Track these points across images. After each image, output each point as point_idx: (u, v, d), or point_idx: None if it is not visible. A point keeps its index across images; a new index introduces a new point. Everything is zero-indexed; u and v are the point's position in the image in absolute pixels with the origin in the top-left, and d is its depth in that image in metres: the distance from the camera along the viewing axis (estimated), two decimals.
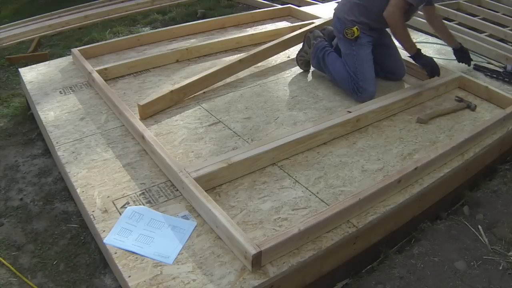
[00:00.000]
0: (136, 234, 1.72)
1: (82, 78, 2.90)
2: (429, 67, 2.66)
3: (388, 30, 2.82)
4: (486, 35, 4.15)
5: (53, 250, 1.94)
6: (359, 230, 1.76)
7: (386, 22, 2.58)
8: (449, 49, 3.50)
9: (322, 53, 2.86)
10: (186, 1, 5.38)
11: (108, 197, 1.91)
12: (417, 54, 2.63)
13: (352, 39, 2.68)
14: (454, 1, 5.10)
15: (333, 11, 2.87)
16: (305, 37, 3.05)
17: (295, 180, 2.03)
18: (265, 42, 3.20)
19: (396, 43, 2.82)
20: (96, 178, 2.02)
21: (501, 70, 3.13)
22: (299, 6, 4.40)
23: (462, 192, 2.25)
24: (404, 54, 2.83)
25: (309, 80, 2.98)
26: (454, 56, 3.01)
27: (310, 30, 3.08)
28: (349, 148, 2.27)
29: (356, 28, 2.65)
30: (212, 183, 1.96)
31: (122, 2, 5.26)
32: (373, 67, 2.72)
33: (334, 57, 2.83)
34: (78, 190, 1.94)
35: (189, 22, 3.88)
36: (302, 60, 3.05)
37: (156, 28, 4.43)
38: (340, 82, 2.79)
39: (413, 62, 2.74)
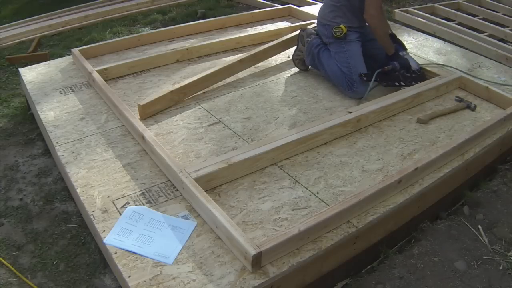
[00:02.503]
0: (136, 234, 1.72)
1: (82, 78, 2.90)
2: (406, 67, 2.76)
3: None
4: (486, 35, 4.15)
5: (53, 250, 1.94)
6: (359, 230, 1.76)
7: (364, 21, 2.71)
8: (449, 49, 3.51)
9: (317, 50, 2.89)
10: (186, 1, 5.38)
11: (108, 197, 1.91)
12: (395, 54, 2.76)
13: (341, 37, 2.75)
14: (454, 1, 5.10)
15: (316, 22, 2.97)
16: (298, 36, 3.08)
17: (295, 180, 2.03)
18: (265, 42, 3.20)
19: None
20: (96, 178, 2.02)
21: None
22: (299, 6, 4.40)
23: (462, 192, 2.25)
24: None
25: (309, 80, 2.98)
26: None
27: (303, 28, 3.11)
28: (349, 148, 2.27)
29: (343, 25, 2.73)
30: (212, 183, 1.96)
31: (122, 2, 5.27)
32: (364, 63, 2.79)
33: (328, 54, 2.86)
34: (78, 190, 1.94)
35: (189, 22, 3.89)
36: (298, 59, 3.07)
37: (156, 28, 4.43)
38: (334, 78, 2.83)
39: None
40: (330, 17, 2.81)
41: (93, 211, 1.83)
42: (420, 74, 2.83)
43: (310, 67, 3.06)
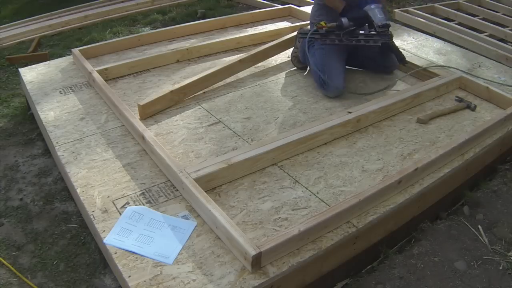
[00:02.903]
0: (136, 234, 1.72)
1: (82, 78, 2.90)
2: (362, 20, 2.65)
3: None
4: (486, 35, 4.15)
5: (53, 250, 1.94)
6: (359, 230, 1.76)
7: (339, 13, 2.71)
8: (449, 49, 3.51)
9: (307, 45, 2.88)
10: (186, 1, 5.38)
11: (108, 197, 1.91)
12: (353, 11, 2.66)
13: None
14: (454, 1, 5.10)
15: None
16: (296, 35, 3.11)
17: (295, 180, 2.03)
18: (265, 42, 3.21)
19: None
20: (96, 178, 2.02)
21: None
22: (299, 6, 4.40)
23: (462, 192, 2.25)
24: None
25: (309, 80, 2.97)
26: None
27: (301, 27, 3.15)
28: (349, 148, 2.27)
29: (324, 22, 2.72)
30: (212, 184, 1.96)
31: (122, 2, 5.26)
32: (342, 62, 2.80)
33: (314, 51, 2.87)
34: (78, 190, 1.94)
35: (189, 22, 3.89)
36: (295, 57, 3.09)
37: (156, 28, 4.43)
38: (313, 74, 2.85)
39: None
40: (315, 15, 2.89)
41: (93, 211, 1.83)
42: (383, 31, 2.60)
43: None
